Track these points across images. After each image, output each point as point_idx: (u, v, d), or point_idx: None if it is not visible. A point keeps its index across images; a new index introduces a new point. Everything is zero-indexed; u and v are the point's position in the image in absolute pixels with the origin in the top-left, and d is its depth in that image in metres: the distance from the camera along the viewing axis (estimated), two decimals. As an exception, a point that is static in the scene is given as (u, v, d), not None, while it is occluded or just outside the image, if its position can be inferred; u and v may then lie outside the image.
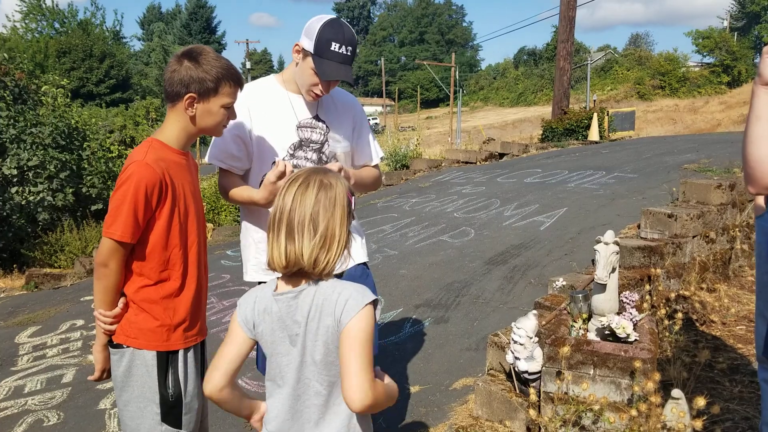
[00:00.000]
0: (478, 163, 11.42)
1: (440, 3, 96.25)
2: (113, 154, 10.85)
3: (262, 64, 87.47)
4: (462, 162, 11.67)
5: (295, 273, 1.63)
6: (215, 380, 1.68)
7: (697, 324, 4.59)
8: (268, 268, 1.66)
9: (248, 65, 55.37)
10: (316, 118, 2.57)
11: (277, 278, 1.70)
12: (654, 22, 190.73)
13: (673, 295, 4.36)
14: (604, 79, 59.58)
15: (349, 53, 2.39)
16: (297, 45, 2.46)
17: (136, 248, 2.01)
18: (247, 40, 53.87)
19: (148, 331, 2.04)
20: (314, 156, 2.55)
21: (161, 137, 2.09)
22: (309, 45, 2.39)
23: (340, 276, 2.33)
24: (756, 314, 2.67)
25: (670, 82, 55.05)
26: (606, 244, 3.01)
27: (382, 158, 2.92)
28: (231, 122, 2.47)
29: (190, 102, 2.04)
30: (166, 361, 2.07)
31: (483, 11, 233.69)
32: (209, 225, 8.93)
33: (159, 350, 2.05)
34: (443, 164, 11.62)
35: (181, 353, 2.10)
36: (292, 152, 2.52)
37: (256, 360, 2.79)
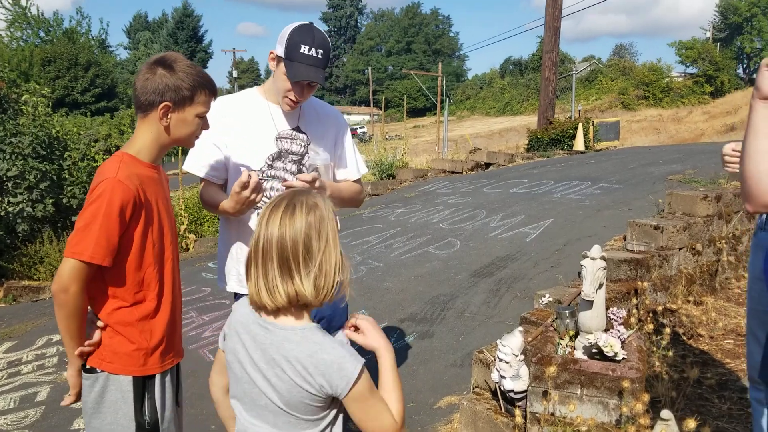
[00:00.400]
0: (464, 173, 11.38)
1: (427, 13, 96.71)
2: (97, 164, 10.70)
3: (249, 73, 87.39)
4: (448, 172, 11.62)
5: (282, 310, 1.52)
6: (219, 382, 1.68)
7: (685, 338, 4.53)
8: (252, 305, 1.55)
9: (235, 74, 55.25)
10: (297, 129, 2.53)
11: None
12: (638, 32, 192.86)
13: (660, 308, 4.31)
14: (588, 89, 60.00)
15: (319, 56, 2.35)
16: (272, 53, 2.43)
17: (110, 269, 1.90)
18: (234, 49, 53.86)
19: (124, 355, 1.94)
20: (293, 167, 2.50)
21: (131, 150, 1.99)
22: (281, 50, 2.37)
23: None
24: (747, 332, 2.60)
25: (653, 92, 55.54)
26: (593, 259, 2.94)
27: (366, 173, 2.86)
28: (208, 132, 2.42)
29: (165, 111, 1.95)
30: (142, 386, 1.97)
31: (469, 21, 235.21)
32: (191, 236, 8.80)
33: (135, 375, 1.95)
34: (429, 174, 11.56)
35: (158, 378, 2.00)
36: (270, 163, 2.48)
37: None
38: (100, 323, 1.96)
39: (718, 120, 37.21)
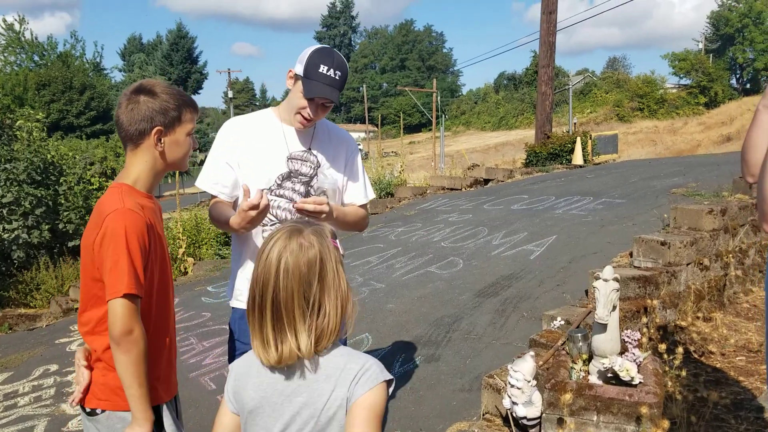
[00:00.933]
0: (463, 189, 11.31)
1: (420, 30, 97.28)
2: (93, 186, 10.64)
3: (244, 93, 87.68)
4: (447, 189, 11.56)
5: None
6: None
7: (696, 355, 4.44)
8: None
9: (230, 94, 55.42)
10: (308, 151, 2.55)
11: None
12: (631, 45, 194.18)
13: (671, 326, 4.22)
14: (583, 102, 60.29)
15: (337, 77, 2.41)
16: (290, 71, 2.48)
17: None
18: (229, 69, 54.00)
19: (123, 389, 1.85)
20: (302, 188, 2.51)
21: (128, 181, 1.96)
22: (300, 69, 2.41)
23: None
24: (766, 352, 2.52)
25: (648, 104, 55.83)
26: (605, 281, 2.86)
27: (373, 197, 2.84)
28: (221, 151, 2.51)
29: (158, 136, 1.94)
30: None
31: (463, 37, 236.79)
32: (189, 259, 8.71)
33: None
34: (428, 191, 11.50)
35: (164, 408, 1.94)
36: (279, 182, 2.50)
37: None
38: (83, 362, 1.89)
39: (713, 130, 37.37)
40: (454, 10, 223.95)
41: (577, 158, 13.33)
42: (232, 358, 2.58)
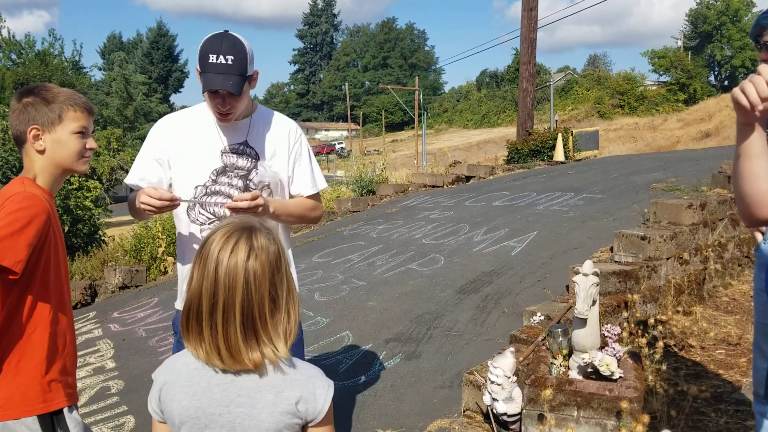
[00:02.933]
0: (445, 186, 11.30)
1: (402, 28, 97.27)
2: (73, 186, 10.48)
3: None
4: (429, 186, 11.54)
5: None
6: None
7: (676, 349, 4.45)
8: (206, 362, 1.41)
9: (211, 92, 54.95)
10: (245, 144, 2.46)
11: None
12: (611, 43, 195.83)
13: (652, 320, 4.22)
14: (564, 99, 60.66)
15: (229, 62, 2.28)
16: (196, 69, 2.38)
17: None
18: (210, 67, 53.39)
19: (17, 396, 1.77)
20: (240, 182, 2.44)
21: (29, 176, 1.97)
22: (197, 64, 2.34)
23: None
24: (753, 346, 2.51)
25: (628, 101, 56.26)
26: (585, 275, 2.84)
27: (325, 188, 2.73)
28: (151, 147, 2.46)
29: (36, 134, 1.94)
30: (51, 425, 1.82)
31: (444, 35, 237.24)
32: (169, 258, 8.60)
33: (39, 413, 1.79)
34: (410, 189, 11.47)
35: (66, 411, 1.86)
36: (214, 178, 2.43)
37: None
38: None
39: (693, 127, 37.76)
40: (435, 8, 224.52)
41: (559, 155, 13.36)
42: None
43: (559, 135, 13.74)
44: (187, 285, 1.41)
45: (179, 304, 2.55)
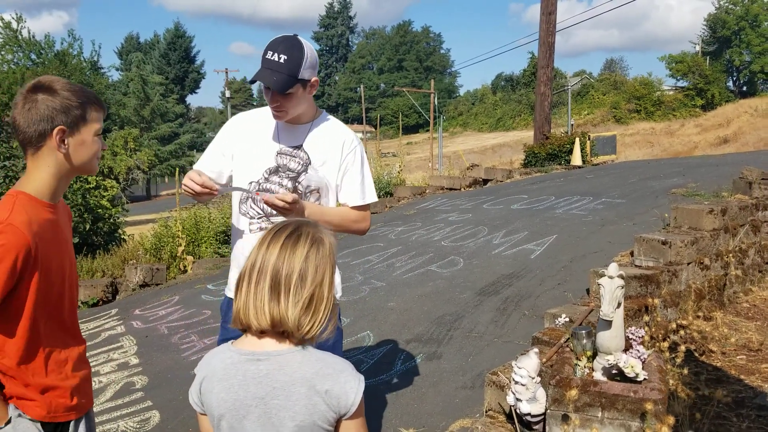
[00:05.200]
0: (462, 189, 11.32)
1: (418, 31, 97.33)
2: (90, 185, 10.60)
3: (242, 93, 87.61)
4: (446, 188, 11.57)
5: (267, 333, 1.46)
6: None
7: (696, 354, 4.46)
8: (232, 324, 1.51)
9: (228, 94, 55.34)
10: (299, 147, 2.56)
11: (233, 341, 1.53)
12: (628, 47, 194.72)
13: (674, 325, 4.23)
14: (580, 103, 60.38)
15: (281, 60, 2.36)
16: None
17: None
18: (227, 69, 53.91)
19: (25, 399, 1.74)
20: (289, 183, 2.53)
21: (29, 189, 1.78)
22: None
23: None
24: None
25: (645, 106, 55.93)
26: (610, 278, 2.87)
27: (374, 201, 2.76)
28: (219, 140, 2.60)
29: (61, 137, 1.76)
30: None
31: (460, 39, 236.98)
32: (189, 258, 8.68)
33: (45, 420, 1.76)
34: (427, 191, 11.51)
35: (71, 426, 1.84)
36: (266, 176, 2.55)
37: None
38: None
39: (710, 133, 37.44)
40: (452, 12, 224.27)
41: (576, 159, 13.34)
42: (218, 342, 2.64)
43: (577, 139, 13.72)
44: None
45: (229, 292, 2.65)
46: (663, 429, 2.49)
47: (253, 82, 2.44)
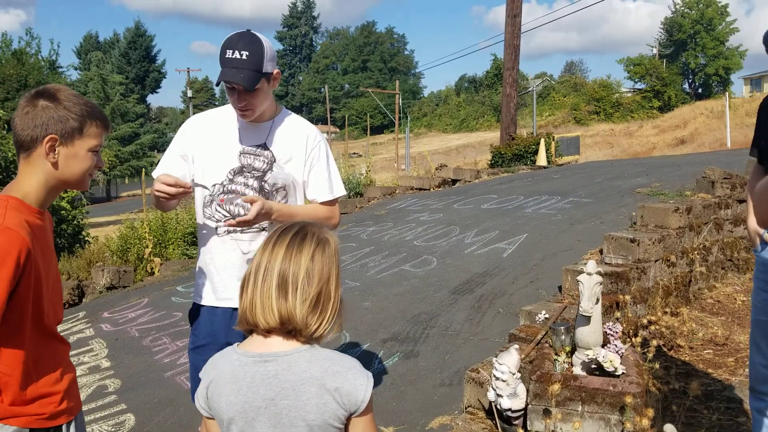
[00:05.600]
0: (431, 189, 11.40)
1: (382, 32, 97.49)
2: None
3: (204, 92, 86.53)
4: (416, 189, 11.63)
5: (274, 332, 1.46)
6: None
7: (666, 349, 4.57)
8: (238, 325, 1.51)
9: (189, 93, 54.67)
10: (263, 146, 2.53)
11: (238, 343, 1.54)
12: (588, 49, 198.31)
13: (644, 321, 4.34)
14: (541, 105, 61.21)
15: (243, 57, 2.34)
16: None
17: None
18: (189, 68, 53.22)
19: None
20: (255, 183, 2.51)
21: (18, 194, 1.75)
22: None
23: None
24: (750, 342, 2.62)
25: (604, 108, 56.99)
26: (589, 274, 2.94)
27: (343, 195, 2.75)
28: (177, 143, 2.55)
29: (51, 145, 1.74)
30: None
31: (424, 40, 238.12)
32: (156, 260, 8.57)
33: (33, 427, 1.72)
34: (397, 191, 11.56)
35: (63, 429, 1.81)
36: (231, 177, 2.52)
37: (192, 389, 2.70)
38: None
39: (668, 134, 38.30)
40: (415, 13, 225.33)
41: (541, 159, 13.56)
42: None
43: (542, 140, 13.94)
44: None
45: (198, 299, 2.62)
46: (643, 421, 2.56)
47: (219, 83, 2.39)
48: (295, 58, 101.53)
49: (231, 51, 2.34)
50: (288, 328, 1.45)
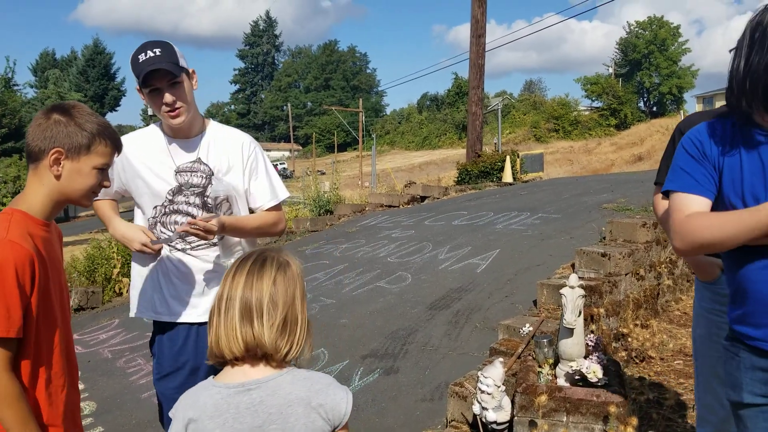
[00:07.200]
0: (401, 206, 11.47)
1: (344, 50, 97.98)
2: (4, 206, 10.12)
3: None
4: (385, 206, 11.69)
5: (244, 360, 1.48)
6: None
7: (638, 360, 4.69)
8: (210, 359, 1.51)
9: (149, 111, 53.94)
10: (198, 161, 2.49)
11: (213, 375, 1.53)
12: (546, 68, 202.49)
13: (615, 333, 4.45)
14: (502, 123, 62.22)
15: (158, 53, 2.32)
16: (137, 89, 2.41)
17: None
18: (149, 86, 52.49)
19: None
20: (197, 200, 2.47)
21: (23, 207, 1.78)
22: (136, 81, 2.37)
23: None
24: (694, 355, 2.67)
25: (563, 125, 58.25)
26: (572, 287, 3.02)
27: (285, 197, 2.72)
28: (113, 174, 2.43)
29: (56, 158, 1.76)
30: None
31: (386, 58, 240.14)
32: (125, 279, 8.42)
33: None
34: (367, 208, 11.60)
35: None
36: (171, 198, 2.46)
37: (160, 418, 2.64)
38: None
39: (626, 150, 39.37)
40: (376, 32, 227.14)
41: (507, 176, 13.76)
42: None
43: (508, 157, 14.16)
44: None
45: (133, 313, 2.59)
46: (627, 430, 2.64)
47: (144, 80, 2.30)
48: (257, 76, 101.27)
49: (143, 54, 2.31)
50: (257, 354, 1.46)
